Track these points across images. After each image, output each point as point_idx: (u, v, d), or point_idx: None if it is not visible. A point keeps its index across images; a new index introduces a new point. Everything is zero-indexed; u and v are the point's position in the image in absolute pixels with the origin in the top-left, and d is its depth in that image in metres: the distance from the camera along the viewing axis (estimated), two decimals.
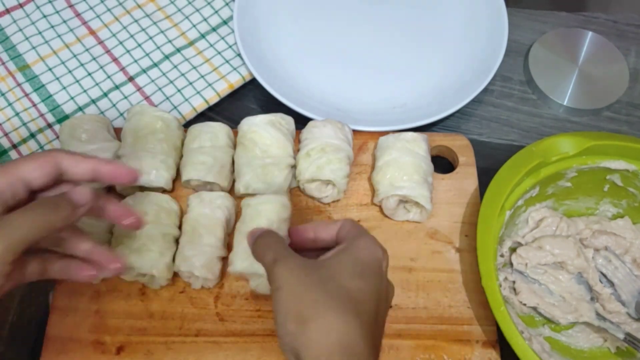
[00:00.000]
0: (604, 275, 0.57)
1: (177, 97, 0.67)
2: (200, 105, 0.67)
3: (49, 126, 0.64)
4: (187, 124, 0.63)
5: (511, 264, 0.57)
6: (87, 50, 0.69)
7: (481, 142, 0.68)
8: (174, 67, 0.69)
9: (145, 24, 0.71)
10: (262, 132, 0.58)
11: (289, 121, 0.60)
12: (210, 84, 0.68)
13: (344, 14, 0.75)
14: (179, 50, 0.70)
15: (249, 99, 0.70)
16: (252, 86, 0.69)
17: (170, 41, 0.71)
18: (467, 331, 0.54)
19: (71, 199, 0.42)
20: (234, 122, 0.62)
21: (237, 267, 0.52)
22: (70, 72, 0.68)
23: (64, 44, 0.69)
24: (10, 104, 0.65)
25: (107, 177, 0.45)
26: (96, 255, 0.45)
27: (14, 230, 0.38)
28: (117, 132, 0.62)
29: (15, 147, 0.63)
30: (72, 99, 0.66)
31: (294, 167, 0.59)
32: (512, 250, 0.57)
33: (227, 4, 0.73)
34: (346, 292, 0.39)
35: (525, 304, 0.55)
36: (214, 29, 0.72)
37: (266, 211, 0.54)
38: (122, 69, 0.69)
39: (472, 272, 0.56)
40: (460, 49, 0.72)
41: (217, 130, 0.59)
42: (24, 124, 0.64)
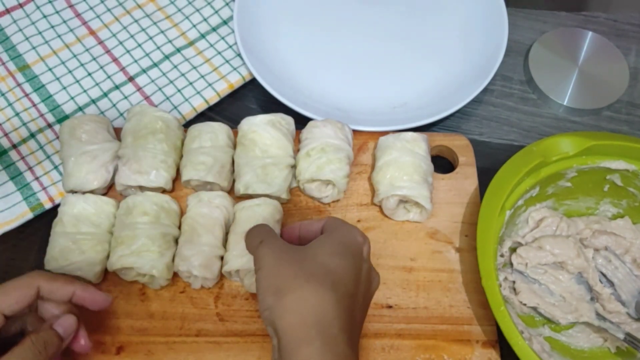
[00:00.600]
0: (604, 275, 0.57)
1: (177, 97, 0.67)
2: (200, 105, 0.67)
3: (49, 126, 0.64)
4: (187, 124, 0.63)
5: (511, 264, 0.57)
6: (87, 50, 0.69)
7: (481, 142, 0.68)
8: (174, 67, 0.69)
9: (145, 24, 0.71)
10: (262, 132, 0.58)
11: (289, 121, 0.60)
12: (210, 84, 0.68)
13: (344, 14, 0.75)
14: (179, 50, 0.70)
15: (249, 99, 0.70)
16: (252, 86, 0.69)
17: (170, 41, 0.71)
18: (467, 331, 0.54)
19: (59, 334, 0.43)
20: (234, 122, 0.62)
21: (233, 264, 0.52)
22: (70, 72, 0.68)
23: (64, 44, 0.69)
24: (10, 104, 0.65)
25: (84, 303, 0.46)
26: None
27: None
28: (117, 132, 0.62)
29: (15, 147, 0.63)
30: (72, 99, 0.66)
31: (294, 167, 0.59)
32: (512, 250, 0.57)
33: (227, 4, 0.73)
34: (323, 268, 0.41)
35: (525, 304, 0.55)
36: (214, 29, 0.72)
37: (262, 212, 0.54)
38: (122, 69, 0.69)
39: (472, 272, 0.56)
40: (460, 49, 0.72)
41: (217, 130, 0.59)
42: (24, 124, 0.64)
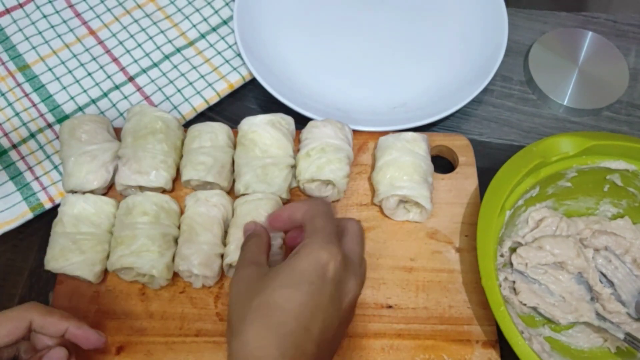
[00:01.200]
0: (604, 275, 0.57)
1: (177, 97, 0.67)
2: (200, 105, 0.66)
3: (49, 126, 0.64)
4: (187, 124, 0.63)
5: (511, 264, 0.57)
6: (87, 50, 0.69)
7: (481, 142, 0.68)
8: (174, 67, 0.69)
9: (145, 24, 0.71)
10: (262, 132, 0.58)
11: (289, 121, 0.60)
12: (210, 84, 0.68)
13: (345, 14, 0.75)
14: (179, 50, 0.70)
15: (249, 99, 0.70)
16: (252, 86, 0.69)
17: (170, 41, 0.71)
18: (467, 331, 0.54)
19: None
20: (234, 122, 0.62)
21: (232, 257, 0.52)
22: (70, 72, 0.68)
23: (64, 44, 0.69)
24: (10, 104, 0.65)
25: (76, 340, 0.46)
26: None
27: None
28: (117, 132, 0.62)
29: (15, 147, 0.63)
30: (72, 99, 0.66)
31: (294, 167, 0.59)
32: (512, 250, 0.57)
33: (227, 4, 0.73)
34: (270, 305, 0.40)
35: (525, 304, 0.55)
36: (214, 29, 0.72)
37: (263, 206, 0.54)
38: (122, 69, 0.69)
39: (472, 272, 0.56)
40: (460, 49, 0.72)
41: (217, 130, 0.59)
42: (24, 124, 0.64)
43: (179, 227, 0.56)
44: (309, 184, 0.58)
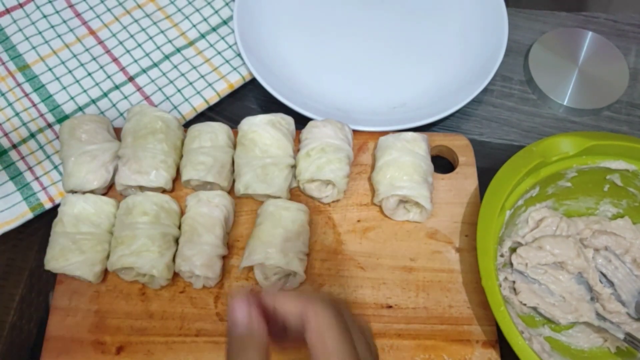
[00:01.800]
0: (604, 275, 0.57)
1: (177, 97, 0.67)
2: (200, 105, 0.67)
3: (49, 126, 0.64)
4: (187, 124, 0.63)
5: (511, 264, 0.57)
6: (87, 50, 0.69)
7: (481, 142, 0.68)
8: (174, 67, 0.69)
9: (145, 24, 0.71)
10: (262, 132, 0.58)
11: (289, 121, 0.60)
12: (210, 84, 0.68)
13: (344, 14, 0.75)
14: (179, 50, 0.70)
15: (249, 99, 0.70)
16: (252, 86, 0.69)
17: (170, 41, 0.71)
18: (467, 331, 0.54)
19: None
20: (234, 122, 0.62)
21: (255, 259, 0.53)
22: (70, 72, 0.68)
23: (64, 44, 0.69)
24: (10, 104, 0.65)
25: None
26: None
27: None
28: (117, 132, 0.62)
29: (15, 147, 0.63)
30: (72, 99, 0.66)
31: (294, 167, 0.59)
32: (512, 250, 0.57)
33: (227, 4, 0.73)
34: None
35: (525, 304, 0.55)
36: (214, 29, 0.72)
37: (287, 218, 0.55)
38: (122, 69, 0.69)
39: (472, 272, 0.56)
40: (460, 49, 0.72)
41: (217, 130, 0.59)
42: (24, 124, 0.64)
43: (179, 227, 0.56)
44: (309, 184, 0.58)
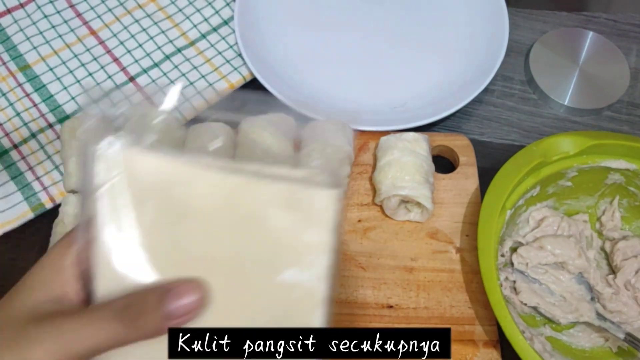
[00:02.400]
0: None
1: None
2: (200, 105, 0.67)
3: (50, 126, 0.65)
4: (188, 124, 0.63)
5: (512, 264, 0.57)
6: (88, 50, 0.69)
7: (482, 142, 0.68)
8: (175, 67, 0.69)
9: (146, 24, 0.71)
10: (263, 132, 0.58)
11: (290, 121, 0.60)
12: (211, 84, 0.68)
13: (344, 14, 0.75)
14: (179, 50, 0.70)
15: None
16: (252, 86, 0.69)
17: (171, 41, 0.71)
18: (468, 331, 0.54)
19: (167, 306, 0.29)
20: (234, 122, 0.62)
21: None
22: (71, 72, 0.68)
23: (64, 44, 0.70)
24: (11, 104, 0.66)
25: None
26: None
27: (77, 338, 0.29)
28: None
29: (16, 147, 0.63)
30: (73, 99, 0.66)
31: None
32: (513, 250, 0.57)
33: (227, 4, 0.73)
34: None
35: (525, 304, 0.55)
36: (215, 29, 0.72)
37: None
38: (123, 69, 0.69)
39: (473, 272, 0.56)
40: (460, 49, 0.72)
41: (217, 130, 0.59)
42: (25, 124, 0.64)
43: None
44: None
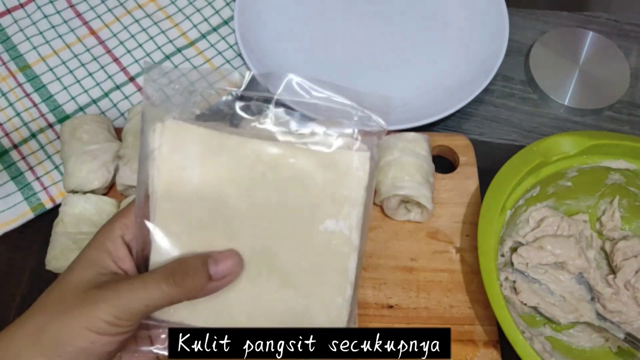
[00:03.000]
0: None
1: None
2: (202, 104, 0.66)
3: (50, 126, 0.65)
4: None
5: (512, 264, 0.56)
6: (87, 50, 0.69)
7: (482, 142, 0.68)
8: (175, 67, 0.69)
9: (146, 24, 0.71)
10: None
11: None
12: (211, 84, 0.68)
13: (345, 14, 0.75)
14: (179, 50, 0.70)
15: None
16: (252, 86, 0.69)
17: (171, 41, 0.71)
18: (468, 331, 0.54)
19: (208, 272, 0.36)
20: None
21: None
22: (71, 72, 0.68)
23: (64, 44, 0.70)
24: (11, 104, 0.66)
25: None
26: None
27: (133, 298, 0.35)
28: (118, 132, 0.62)
29: (16, 147, 0.63)
30: (73, 99, 0.66)
31: None
32: (513, 250, 0.57)
33: (227, 4, 0.73)
34: None
35: (525, 304, 0.55)
36: (215, 29, 0.72)
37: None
38: (123, 69, 0.69)
39: (473, 272, 0.56)
40: (461, 49, 0.72)
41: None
42: (25, 124, 0.64)
43: None
44: None
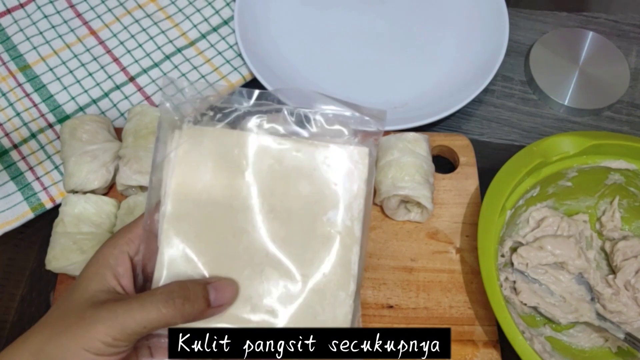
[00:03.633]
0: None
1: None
2: (202, 105, 0.66)
3: (50, 126, 0.65)
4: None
5: (512, 264, 0.56)
6: (87, 50, 0.69)
7: (482, 142, 0.68)
8: (175, 68, 0.69)
9: (146, 24, 0.71)
10: None
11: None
12: (211, 84, 0.68)
13: (345, 14, 0.75)
14: (179, 50, 0.70)
15: None
16: (252, 86, 0.69)
17: (171, 41, 0.71)
18: (468, 331, 0.54)
19: (208, 297, 0.37)
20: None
21: None
22: (71, 72, 0.68)
23: (64, 44, 0.70)
24: (11, 104, 0.66)
25: None
26: None
27: (130, 319, 0.35)
28: (118, 132, 0.62)
29: (16, 147, 0.63)
30: (73, 99, 0.66)
31: None
32: (513, 250, 0.57)
33: (227, 4, 0.73)
34: None
35: (525, 304, 0.55)
36: (215, 29, 0.72)
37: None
38: (123, 69, 0.69)
39: (473, 272, 0.56)
40: (461, 49, 0.72)
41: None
42: (25, 124, 0.64)
43: None
44: None
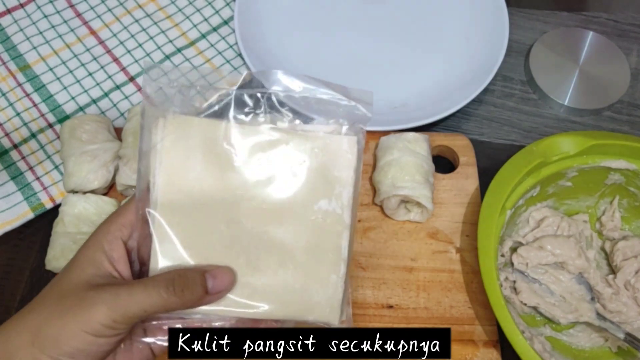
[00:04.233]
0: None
1: None
2: (202, 104, 0.66)
3: (50, 126, 0.65)
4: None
5: (512, 264, 0.56)
6: (87, 50, 0.69)
7: (482, 142, 0.68)
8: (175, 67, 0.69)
9: (146, 24, 0.71)
10: None
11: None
12: (211, 84, 0.68)
13: (345, 14, 0.75)
14: (179, 50, 0.70)
15: None
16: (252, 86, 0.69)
17: (171, 41, 0.71)
18: (468, 331, 0.54)
19: (206, 285, 0.37)
20: None
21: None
22: (71, 72, 0.68)
23: (64, 44, 0.70)
24: (11, 104, 0.66)
25: None
26: None
27: (132, 302, 0.35)
28: (118, 132, 0.62)
29: (16, 147, 0.63)
30: (73, 99, 0.66)
31: None
32: (513, 250, 0.57)
33: (227, 4, 0.73)
34: None
35: (525, 304, 0.55)
36: (215, 29, 0.72)
37: None
38: (123, 69, 0.69)
39: (473, 272, 0.56)
40: (461, 49, 0.72)
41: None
42: (25, 124, 0.64)
43: None
44: None
